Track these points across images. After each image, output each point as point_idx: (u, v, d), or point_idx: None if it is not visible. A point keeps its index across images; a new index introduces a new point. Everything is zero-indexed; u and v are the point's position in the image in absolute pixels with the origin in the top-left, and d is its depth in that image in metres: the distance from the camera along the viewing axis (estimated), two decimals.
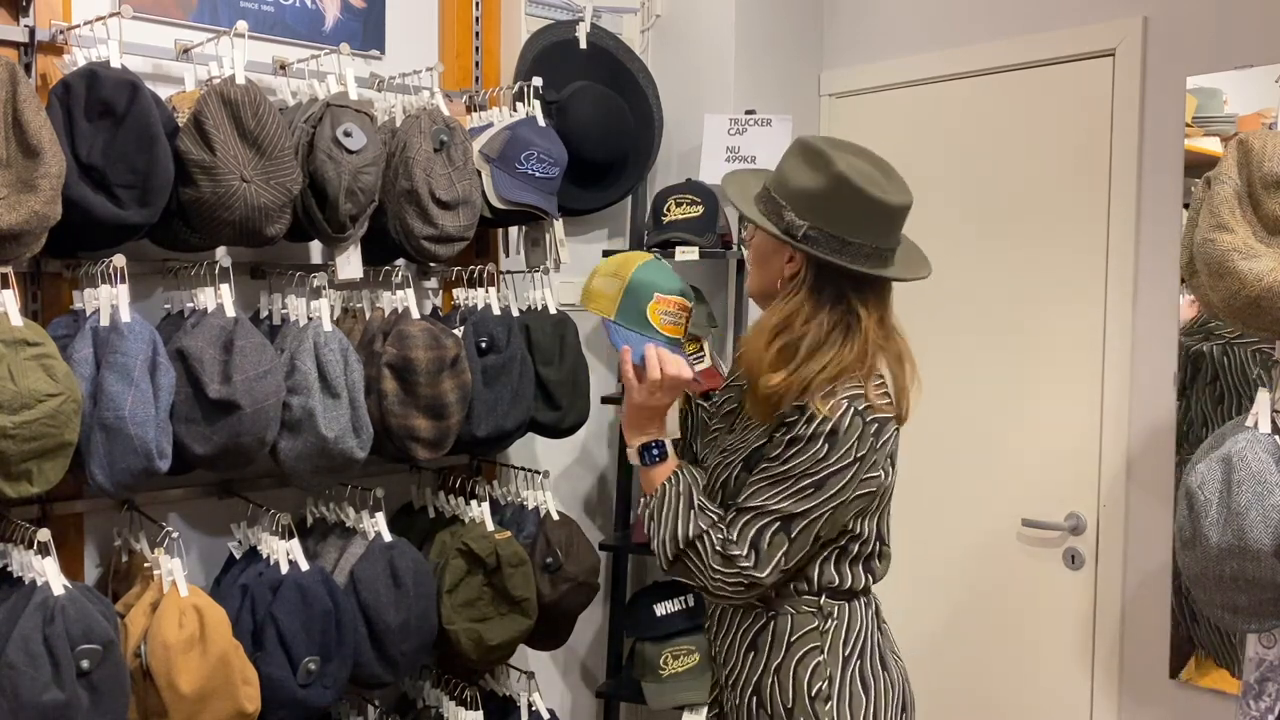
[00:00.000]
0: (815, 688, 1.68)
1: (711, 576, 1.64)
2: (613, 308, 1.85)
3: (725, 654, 1.79)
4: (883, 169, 1.71)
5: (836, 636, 1.71)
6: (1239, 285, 1.84)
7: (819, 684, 1.68)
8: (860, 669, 1.71)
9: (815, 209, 1.64)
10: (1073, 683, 2.67)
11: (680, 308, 1.85)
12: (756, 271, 1.79)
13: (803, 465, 1.62)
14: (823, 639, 1.70)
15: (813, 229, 1.64)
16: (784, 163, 1.72)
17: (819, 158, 1.65)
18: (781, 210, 1.67)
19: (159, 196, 1.92)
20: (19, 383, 1.73)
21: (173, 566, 1.97)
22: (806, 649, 1.70)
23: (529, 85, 2.56)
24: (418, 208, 2.27)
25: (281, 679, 2.04)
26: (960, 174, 2.87)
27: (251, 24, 2.31)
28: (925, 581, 2.96)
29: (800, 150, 1.70)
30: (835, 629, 1.71)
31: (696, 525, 1.66)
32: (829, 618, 1.71)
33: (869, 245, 1.65)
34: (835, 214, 1.63)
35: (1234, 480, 1.84)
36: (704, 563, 1.64)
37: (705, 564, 1.64)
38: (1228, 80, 2.38)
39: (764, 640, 1.72)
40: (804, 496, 1.62)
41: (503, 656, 2.47)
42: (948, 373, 2.89)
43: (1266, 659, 2.03)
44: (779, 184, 1.70)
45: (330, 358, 2.12)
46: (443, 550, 2.41)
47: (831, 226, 1.63)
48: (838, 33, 3.12)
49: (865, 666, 1.72)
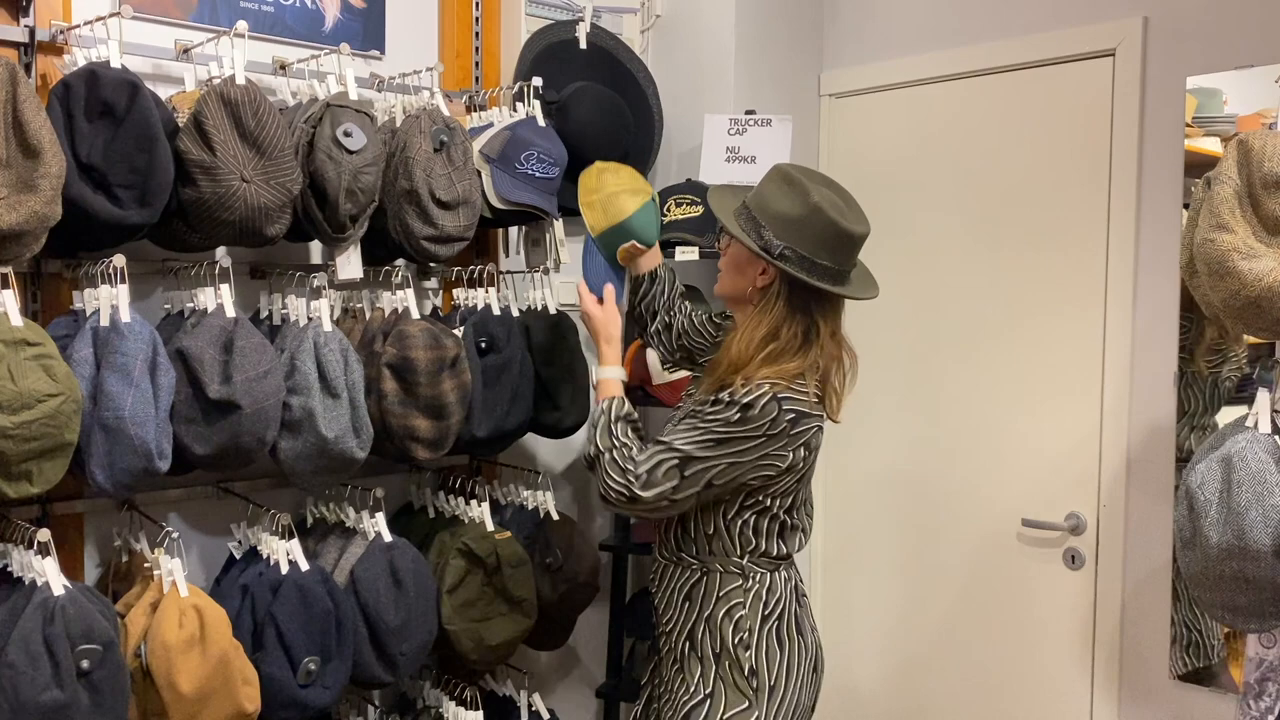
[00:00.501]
0: (738, 637, 2.00)
1: (605, 481, 1.97)
2: (599, 229, 2.29)
3: (665, 604, 2.11)
4: (846, 200, 1.99)
5: (758, 597, 2.02)
6: (1239, 285, 1.84)
7: (741, 634, 2.00)
8: (776, 629, 2.02)
9: (791, 232, 1.93)
10: (1073, 683, 2.67)
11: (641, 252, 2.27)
12: (730, 277, 2.07)
13: (714, 423, 1.91)
14: (745, 596, 2.02)
15: (788, 249, 1.92)
16: (765, 187, 2.00)
17: (797, 187, 1.95)
18: (761, 229, 1.95)
19: (159, 196, 1.92)
20: (19, 383, 1.73)
21: (173, 566, 1.97)
22: (732, 603, 2.01)
23: (529, 85, 2.56)
24: (418, 208, 2.27)
25: (281, 679, 2.05)
26: (960, 174, 2.87)
27: (251, 24, 2.31)
28: (925, 581, 2.96)
29: (780, 178, 1.98)
30: (756, 590, 2.02)
31: (609, 441, 1.99)
32: (751, 579, 2.02)
33: (833, 267, 1.95)
34: (808, 237, 1.92)
35: (1234, 480, 1.84)
36: (605, 470, 1.97)
37: (606, 471, 1.97)
38: (1228, 80, 2.38)
39: (698, 593, 2.05)
40: (705, 446, 1.91)
41: (503, 656, 2.47)
42: (948, 372, 2.90)
43: (1266, 659, 2.03)
44: (759, 206, 1.98)
45: (330, 358, 2.12)
46: (443, 550, 2.41)
47: (804, 248, 1.93)
48: (838, 33, 3.12)
49: (781, 628, 2.03)
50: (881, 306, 3.08)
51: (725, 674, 2.00)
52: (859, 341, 1.98)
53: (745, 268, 2.02)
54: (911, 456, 2.99)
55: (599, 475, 1.99)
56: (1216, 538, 1.85)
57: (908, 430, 2.99)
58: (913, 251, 2.95)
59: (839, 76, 3.12)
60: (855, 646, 3.13)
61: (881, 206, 3.01)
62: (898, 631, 3.04)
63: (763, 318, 1.97)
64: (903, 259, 2.96)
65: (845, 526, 3.15)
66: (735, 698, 2.00)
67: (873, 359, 3.05)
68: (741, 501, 2.00)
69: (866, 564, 3.10)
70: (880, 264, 3.07)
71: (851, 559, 3.14)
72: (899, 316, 2.99)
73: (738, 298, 2.05)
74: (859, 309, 3.10)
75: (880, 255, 3.06)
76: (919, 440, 2.97)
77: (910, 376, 2.99)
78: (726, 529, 2.02)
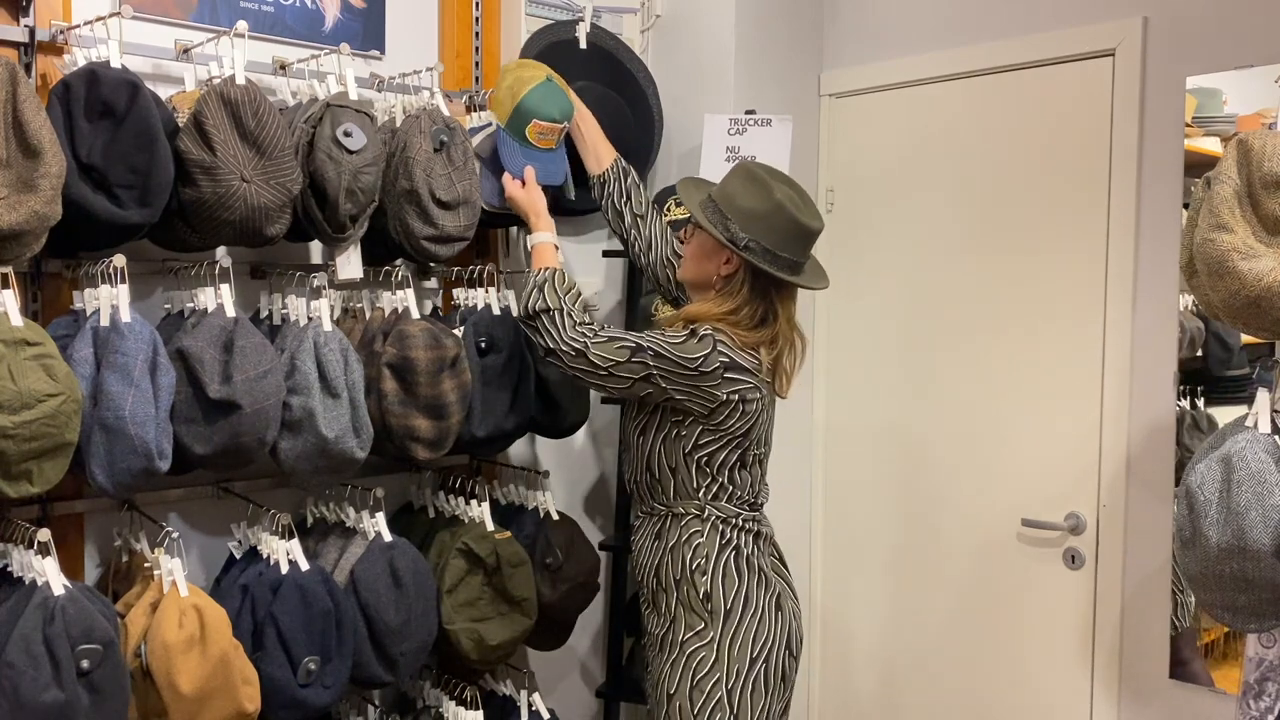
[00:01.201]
0: (695, 564, 2.20)
1: (554, 332, 2.15)
2: (504, 118, 2.44)
3: (639, 547, 2.32)
4: (804, 198, 2.18)
5: (714, 529, 2.22)
6: (1239, 285, 1.84)
7: (698, 560, 2.20)
8: (735, 560, 2.21)
9: (755, 226, 2.12)
10: (1073, 682, 2.67)
11: (551, 130, 2.44)
12: (695, 263, 2.25)
13: (663, 336, 2.14)
14: (703, 526, 2.22)
15: (753, 241, 2.11)
16: (730, 184, 2.19)
17: (761, 184, 2.14)
18: (727, 222, 2.13)
19: (159, 196, 1.92)
20: (19, 383, 1.73)
21: (173, 566, 1.97)
22: (690, 532, 2.22)
23: None
24: (418, 208, 2.27)
25: (281, 679, 2.05)
26: (960, 174, 2.87)
27: (251, 24, 2.31)
28: (925, 581, 2.96)
29: (745, 175, 2.17)
30: (714, 524, 2.22)
31: (558, 302, 2.18)
32: (707, 521, 2.22)
33: (792, 259, 2.15)
34: (770, 231, 2.11)
35: (1234, 480, 1.84)
36: (556, 323, 2.16)
37: (556, 324, 2.16)
38: (1228, 80, 2.38)
39: (664, 529, 2.26)
40: (652, 345, 2.12)
41: (503, 656, 2.47)
42: (948, 372, 2.90)
43: (1266, 659, 2.03)
44: (725, 200, 2.16)
45: (330, 358, 2.12)
46: (443, 550, 2.41)
47: (767, 241, 2.11)
48: (838, 33, 3.12)
49: (740, 560, 2.21)
50: (881, 306, 3.09)
51: (685, 598, 2.21)
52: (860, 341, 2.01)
53: (711, 256, 2.19)
54: (911, 456, 2.99)
55: (544, 326, 2.17)
56: (1216, 537, 1.85)
57: (907, 430, 2.99)
58: (912, 251, 2.95)
59: (839, 76, 3.12)
60: (855, 646, 3.13)
61: (881, 206, 3.02)
62: (897, 631, 3.04)
63: (724, 300, 2.17)
64: (902, 259, 2.96)
65: (845, 526, 3.15)
66: (692, 619, 2.19)
67: (872, 359, 3.06)
68: (696, 439, 2.19)
69: (866, 564, 3.10)
70: (880, 264, 3.08)
71: (851, 559, 3.14)
72: (899, 317, 2.99)
73: (701, 283, 2.23)
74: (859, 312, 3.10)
75: (880, 255, 3.07)
76: (919, 440, 2.97)
77: (910, 376, 2.99)
78: (685, 461, 2.21)
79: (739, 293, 2.16)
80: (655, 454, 2.24)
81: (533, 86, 2.43)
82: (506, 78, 2.48)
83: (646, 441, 2.26)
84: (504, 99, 2.45)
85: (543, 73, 2.48)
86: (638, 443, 2.28)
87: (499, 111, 2.46)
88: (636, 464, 2.30)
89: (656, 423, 2.23)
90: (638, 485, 2.32)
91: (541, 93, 2.43)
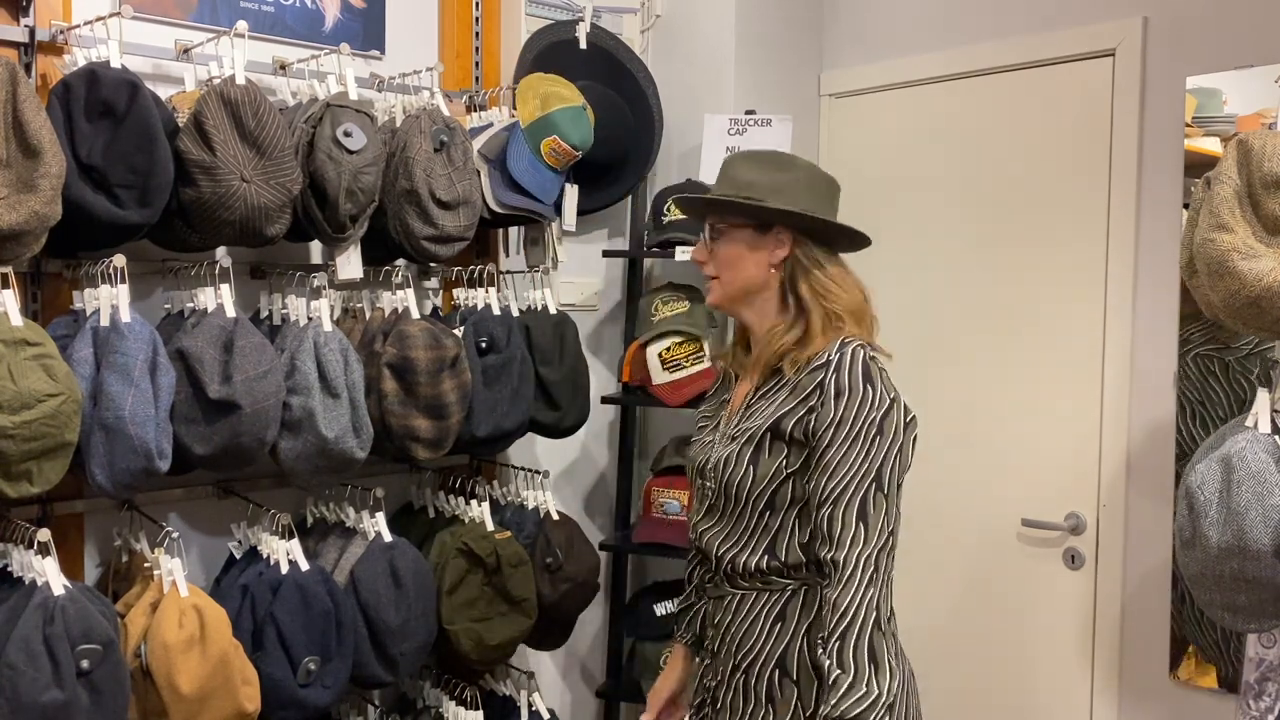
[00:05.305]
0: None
1: (871, 603, 1.71)
2: (528, 120, 2.45)
3: (743, 636, 1.82)
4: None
5: None
6: (1239, 285, 1.84)
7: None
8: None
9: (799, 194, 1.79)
10: (1073, 682, 2.67)
11: (569, 156, 2.48)
12: (734, 269, 1.84)
13: (870, 446, 1.74)
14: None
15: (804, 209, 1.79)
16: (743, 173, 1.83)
17: (780, 158, 1.87)
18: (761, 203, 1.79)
19: (159, 196, 1.92)
20: (19, 383, 1.73)
21: (173, 566, 1.97)
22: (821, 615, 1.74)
23: None
24: (418, 208, 2.27)
25: (281, 679, 2.04)
26: (960, 174, 2.87)
27: (251, 24, 2.31)
28: (925, 581, 2.96)
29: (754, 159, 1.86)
30: None
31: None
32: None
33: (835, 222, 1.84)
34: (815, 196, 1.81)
35: (1234, 480, 1.84)
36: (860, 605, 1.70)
37: (861, 601, 1.70)
38: (1228, 80, 2.38)
39: (793, 609, 1.79)
40: (887, 476, 1.75)
41: (503, 656, 2.47)
42: (948, 372, 2.89)
43: (1266, 659, 2.03)
44: (748, 187, 1.81)
45: (330, 358, 2.12)
46: (443, 550, 2.40)
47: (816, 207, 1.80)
48: (838, 33, 3.12)
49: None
50: (881, 307, 3.07)
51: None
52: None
53: (747, 256, 1.82)
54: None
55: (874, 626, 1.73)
56: (1216, 537, 1.85)
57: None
58: (912, 251, 2.95)
59: (839, 76, 3.12)
60: None
61: (881, 206, 3.02)
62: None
63: (815, 298, 1.81)
64: (902, 259, 2.96)
65: None
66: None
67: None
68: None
69: None
70: (880, 264, 3.07)
71: None
72: (899, 316, 2.99)
73: (752, 288, 1.83)
74: None
75: (880, 255, 3.06)
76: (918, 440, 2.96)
77: (909, 376, 2.98)
78: (805, 545, 1.78)
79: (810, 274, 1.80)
80: (788, 529, 1.81)
81: (566, 106, 2.47)
82: (542, 85, 2.50)
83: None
84: (533, 103, 2.47)
85: (580, 100, 2.52)
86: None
87: (523, 111, 2.48)
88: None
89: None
90: (746, 560, 1.82)
91: (572, 115, 2.48)
